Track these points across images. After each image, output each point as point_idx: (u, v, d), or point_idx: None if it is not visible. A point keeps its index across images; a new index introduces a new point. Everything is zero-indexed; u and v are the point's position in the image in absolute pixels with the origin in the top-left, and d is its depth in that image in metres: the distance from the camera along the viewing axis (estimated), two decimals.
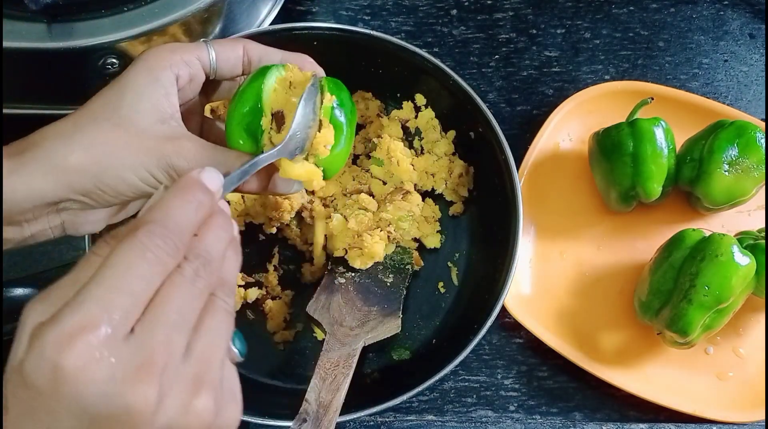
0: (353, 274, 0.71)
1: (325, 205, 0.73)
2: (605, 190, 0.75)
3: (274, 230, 0.73)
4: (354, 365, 0.61)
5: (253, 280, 0.72)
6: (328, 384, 0.59)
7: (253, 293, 0.72)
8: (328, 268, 0.71)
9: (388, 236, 0.70)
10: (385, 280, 0.70)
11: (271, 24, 0.79)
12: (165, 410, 0.32)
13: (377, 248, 0.69)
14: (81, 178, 0.45)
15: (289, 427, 0.61)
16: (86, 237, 0.64)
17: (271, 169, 0.51)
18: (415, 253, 0.74)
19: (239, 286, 0.71)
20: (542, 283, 0.75)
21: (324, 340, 0.72)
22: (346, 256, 0.71)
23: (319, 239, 0.72)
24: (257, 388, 0.62)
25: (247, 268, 0.73)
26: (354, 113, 0.54)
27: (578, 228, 0.77)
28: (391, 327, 0.66)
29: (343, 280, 0.70)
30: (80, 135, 0.46)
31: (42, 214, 0.47)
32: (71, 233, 0.50)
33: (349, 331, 0.65)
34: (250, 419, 0.61)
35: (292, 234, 0.73)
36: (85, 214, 0.49)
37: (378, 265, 0.71)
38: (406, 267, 0.72)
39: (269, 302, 0.72)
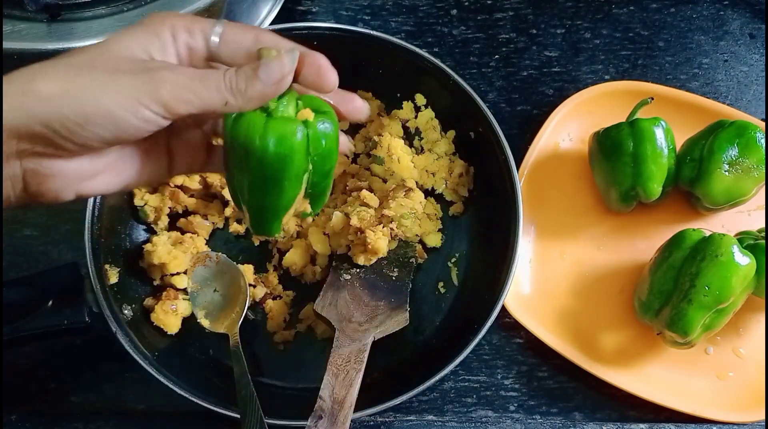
0: (358, 270, 0.71)
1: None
2: (605, 190, 0.75)
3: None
4: (365, 360, 0.62)
5: (254, 284, 0.73)
6: (341, 380, 0.60)
7: (260, 291, 0.72)
8: (333, 265, 0.72)
9: (391, 233, 0.71)
10: (390, 274, 0.70)
11: (271, 24, 0.79)
12: None
13: (381, 244, 0.69)
14: (50, 107, 0.39)
15: (292, 425, 0.61)
16: (86, 237, 0.64)
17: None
18: (419, 246, 0.74)
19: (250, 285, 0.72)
20: (542, 283, 0.75)
21: (323, 340, 0.72)
22: (349, 253, 0.71)
23: (319, 249, 0.72)
24: (257, 388, 0.62)
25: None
26: (333, 153, 0.48)
27: (578, 228, 0.77)
28: (400, 320, 0.66)
29: (348, 277, 0.70)
30: (54, 64, 0.40)
31: (5, 154, 0.40)
32: (34, 193, 0.42)
33: (357, 327, 0.65)
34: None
35: (291, 259, 0.74)
36: (50, 164, 0.42)
37: (382, 260, 0.71)
38: (410, 260, 0.72)
39: (270, 302, 0.72)
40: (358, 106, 0.49)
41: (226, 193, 0.73)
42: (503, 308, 0.68)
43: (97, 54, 0.41)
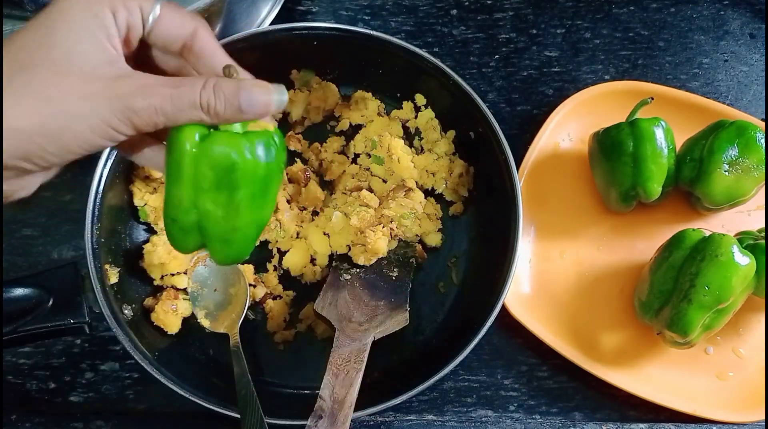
0: (358, 270, 0.71)
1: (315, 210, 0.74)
2: (605, 190, 0.75)
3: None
4: (365, 360, 0.62)
5: (254, 284, 0.72)
6: (341, 380, 0.60)
7: (260, 291, 0.72)
8: (333, 265, 0.72)
9: (391, 233, 0.71)
10: (390, 274, 0.71)
11: (271, 24, 0.79)
12: None
13: (380, 244, 0.69)
14: (29, 144, 0.39)
15: (292, 425, 0.61)
16: (86, 237, 0.64)
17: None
18: (419, 246, 0.74)
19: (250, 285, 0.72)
20: (542, 283, 0.75)
21: (323, 340, 0.72)
22: (349, 253, 0.71)
23: (319, 249, 0.72)
24: (257, 388, 0.62)
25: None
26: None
27: (578, 228, 0.77)
28: (399, 320, 0.66)
29: (348, 277, 0.70)
30: (16, 90, 0.39)
31: None
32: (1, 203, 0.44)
33: (357, 327, 0.65)
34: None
35: (291, 260, 0.74)
36: (20, 181, 0.43)
37: (382, 260, 0.71)
38: (410, 260, 0.72)
39: (270, 302, 0.72)
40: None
41: None
42: (503, 308, 0.68)
43: (44, 51, 0.39)
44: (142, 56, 0.46)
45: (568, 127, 0.80)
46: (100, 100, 0.40)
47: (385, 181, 0.75)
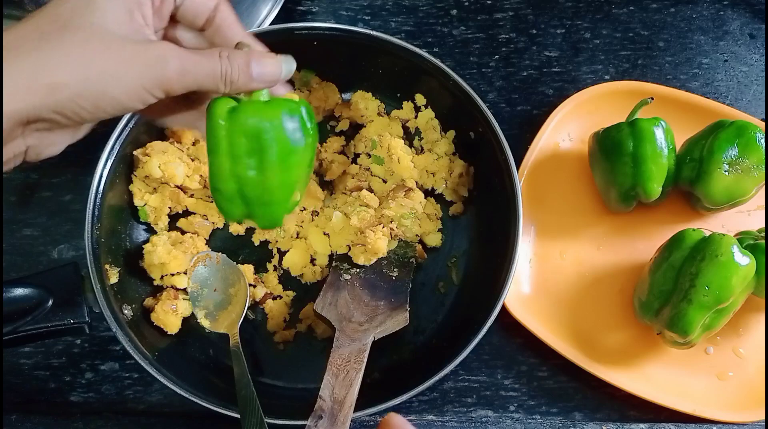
0: (358, 270, 0.71)
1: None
2: (605, 190, 0.75)
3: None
4: (365, 360, 0.62)
5: (254, 284, 0.73)
6: (341, 380, 0.60)
7: (260, 291, 0.72)
8: (333, 265, 0.72)
9: (391, 233, 0.71)
10: (390, 274, 0.71)
11: (271, 24, 0.79)
12: None
13: (380, 244, 0.69)
14: (65, 96, 0.41)
15: (292, 425, 0.61)
16: (86, 237, 0.64)
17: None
18: (419, 246, 0.74)
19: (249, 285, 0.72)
20: (542, 283, 0.75)
21: (323, 340, 0.72)
22: (349, 253, 0.71)
23: (319, 249, 0.73)
24: (257, 388, 0.62)
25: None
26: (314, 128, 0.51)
27: (578, 228, 0.77)
28: (400, 320, 0.66)
29: (348, 277, 0.70)
30: (59, 46, 0.41)
31: (11, 138, 0.42)
32: (31, 160, 0.45)
33: (357, 327, 0.65)
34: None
35: (291, 260, 0.74)
36: (51, 136, 0.44)
37: (382, 260, 0.71)
38: (410, 260, 0.72)
39: (270, 302, 0.72)
40: None
41: None
42: (503, 308, 0.68)
43: (81, 16, 0.42)
44: (166, 34, 0.49)
45: (568, 127, 0.80)
46: (136, 62, 0.42)
47: (385, 181, 0.75)
